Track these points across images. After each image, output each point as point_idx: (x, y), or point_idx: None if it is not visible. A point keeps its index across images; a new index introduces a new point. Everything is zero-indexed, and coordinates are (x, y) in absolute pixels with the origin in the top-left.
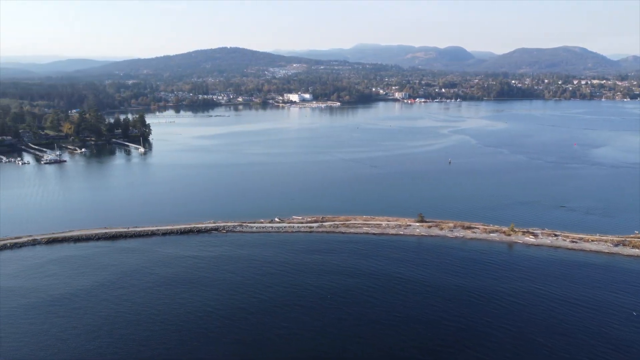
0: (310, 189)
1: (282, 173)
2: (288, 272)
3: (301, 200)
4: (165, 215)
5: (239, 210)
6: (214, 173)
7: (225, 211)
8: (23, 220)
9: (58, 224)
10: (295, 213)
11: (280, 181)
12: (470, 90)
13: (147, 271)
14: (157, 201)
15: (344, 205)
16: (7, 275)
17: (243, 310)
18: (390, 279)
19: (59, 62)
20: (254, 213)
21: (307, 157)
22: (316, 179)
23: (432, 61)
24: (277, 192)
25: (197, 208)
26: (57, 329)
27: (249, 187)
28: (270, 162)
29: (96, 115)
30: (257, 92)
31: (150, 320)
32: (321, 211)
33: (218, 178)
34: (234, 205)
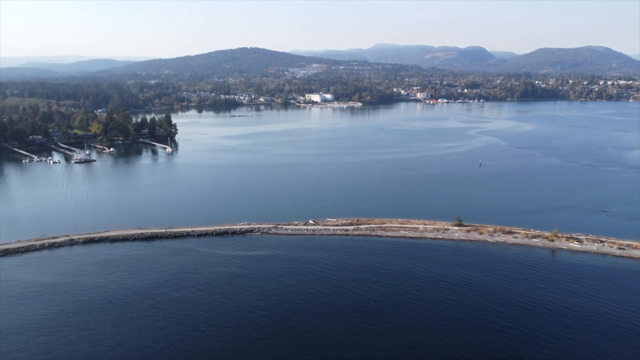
0: (341, 190)
1: (312, 174)
2: (330, 276)
3: (333, 202)
4: (198, 217)
5: (272, 212)
6: (244, 174)
7: (258, 212)
8: (58, 219)
9: (93, 224)
10: (328, 215)
11: (310, 183)
12: (493, 91)
13: (192, 273)
14: (188, 202)
15: (377, 208)
16: (54, 273)
17: (290, 313)
18: (434, 283)
19: (81, 62)
20: (287, 215)
21: (335, 158)
22: (346, 180)
23: (452, 61)
24: (309, 194)
25: (230, 209)
26: (110, 328)
27: (279, 188)
28: (299, 163)
29: (124, 115)
30: (279, 92)
31: (201, 321)
32: (354, 214)
33: (248, 179)
34: (266, 207)
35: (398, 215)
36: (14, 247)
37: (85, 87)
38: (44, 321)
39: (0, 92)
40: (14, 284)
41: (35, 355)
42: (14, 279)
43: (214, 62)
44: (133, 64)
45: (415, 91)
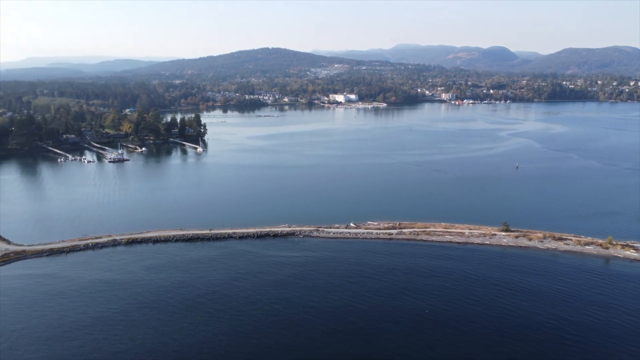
0: (377, 193)
1: (345, 176)
2: (381, 280)
3: (370, 204)
4: (237, 218)
5: (310, 214)
6: (277, 174)
7: (296, 214)
8: (98, 219)
9: (133, 224)
10: (368, 218)
11: (345, 184)
12: (520, 92)
13: (246, 273)
14: (225, 202)
15: (417, 211)
16: (110, 271)
17: (346, 318)
18: (488, 289)
19: (106, 62)
20: (325, 217)
21: (367, 160)
22: (381, 182)
23: (475, 61)
24: (344, 196)
25: (267, 210)
26: (175, 325)
27: (315, 190)
28: (331, 164)
29: (155, 115)
30: (302, 93)
31: (267, 318)
32: (394, 217)
33: (282, 180)
34: (303, 208)
35: (439, 219)
36: (59, 247)
37: (112, 87)
38: (108, 317)
39: (31, 91)
40: (70, 281)
41: (109, 350)
42: (69, 275)
43: (236, 62)
44: (156, 64)
45: (440, 92)
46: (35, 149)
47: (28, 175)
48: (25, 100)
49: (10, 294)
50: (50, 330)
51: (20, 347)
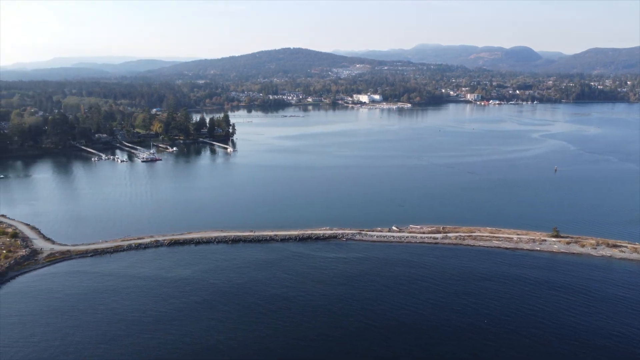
0: (416, 195)
1: (381, 177)
2: (434, 286)
3: (409, 207)
4: (276, 219)
5: (350, 216)
6: (312, 175)
7: (337, 217)
8: (138, 219)
9: (173, 224)
10: (407, 221)
11: (383, 186)
12: (547, 92)
13: (304, 277)
14: (263, 203)
15: (458, 215)
16: (156, 269)
17: (410, 325)
18: (546, 296)
19: (130, 62)
20: (366, 220)
21: (399, 161)
22: (418, 185)
23: (498, 62)
24: (383, 198)
25: (306, 212)
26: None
27: (352, 191)
28: (364, 165)
29: (185, 114)
30: (326, 93)
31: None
32: (435, 220)
33: (318, 181)
34: (342, 211)
35: (482, 223)
36: (102, 247)
37: (138, 86)
38: (166, 313)
39: (60, 91)
40: (123, 280)
41: (169, 346)
42: (120, 275)
43: (258, 62)
44: (179, 64)
45: (464, 92)
46: (68, 148)
47: (64, 175)
48: (55, 99)
49: (65, 291)
50: (113, 326)
51: (87, 344)
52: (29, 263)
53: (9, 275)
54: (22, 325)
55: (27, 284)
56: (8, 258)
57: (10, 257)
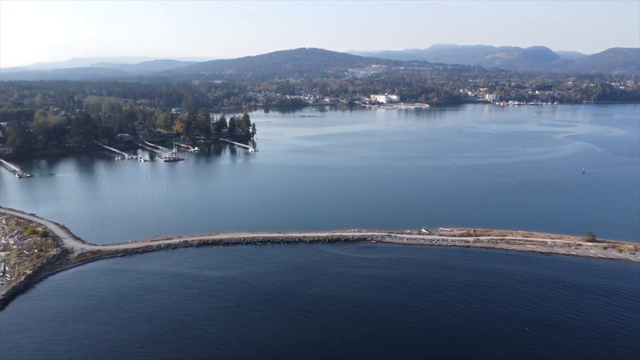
0: (442, 197)
1: (406, 178)
2: (474, 291)
3: (438, 209)
4: (302, 221)
5: (378, 218)
6: (335, 176)
7: (364, 218)
8: (165, 219)
9: (200, 225)
10: (435, 223)
11: (409, 187)
12: (567, 93)
13: (342, 279)
14: (288, 204)
15: (487, 217)
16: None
17: (444, 329)
18: (588, 303)
19: (146, 62)
20: (394, 222)
21: (422, 162)
22: (444, 186)
23: (514, 62)
24: (410, 200)
25: (333, 214)
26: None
27: (378, 192)
28: (387, 166)
29: (206, 114)
30: (343, 93)
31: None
32: (464, 223)
33: (342, 182)
34: (369, 212)
35: (513, 226)
36: (132, 247)
37: (157, 86)
38: (204, 314)
39: (80, 90)
40: (154, 278)
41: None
42: (152, 273)
43: (273, 62)
44: (196, 64)
45: (482, 92)
46: (91, 147)
47: (88, 174)
48: (76, 99)
49: (100, 289)
50: (151, 324)
51: (125, 342)
52: (61, 262)
53: (42, 275)
54: (61, 322)
55: (61, 283)
56: (40, 257)
57: (42, 256)
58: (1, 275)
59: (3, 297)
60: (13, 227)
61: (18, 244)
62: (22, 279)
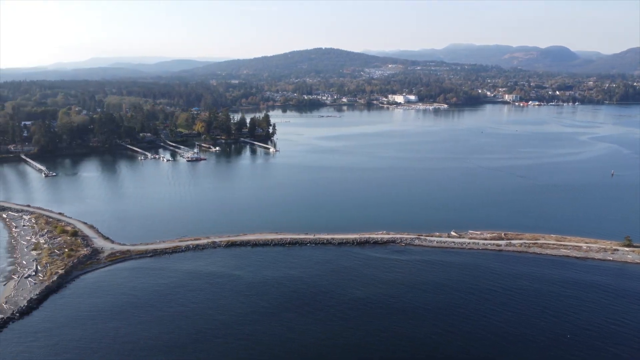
0: (469, 199)
1: (430, 180)
2: (510, 296)
3: (466, 212)
4: (328, 222)
5: (404, 220)
6: (358, 177)
7: (390, 220)
8: (191, 220)
9: (226, 225)
10: (463, 226)
11: (434, 189)
12: (589, 93)
13: (378, 281)
14: (314, 205)
15: (517, 220)
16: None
17: (482, 333)
18: (630, 311)
19: (164, 62)
20: (422, 224)
21: (445, 163)
22: (468, 188)
23: (533, 62)
24: (436, 202)
25: (359, 215)
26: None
27: (403, 194)
28: (410, 167)
29: (226, 114)
30: (361, 93)
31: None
32: (494, 226)
33: (366, 183)
34: (395, 214)
35: (543, 229)
36: (161, 248)
37: (176, 86)
38: (242, 314)
39: (101, 90)
40: (187, 278)
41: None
42: (183, 273)
43: (290, 62)
44: (212, 64)
45: (502, 93)
46: (114, 146)
47: (113, 173)
48: (97, 99)
49: (135, 288)
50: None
51: (163, 340)
52: (92, 262)
53: (73, 274)
54: (99, 320)
55: (93, 282)
56: (71, 257)
57: (73, 255)
58: (34, 275)
59: (37, 296)
60: (43, 226)
61: (48, 243)
62: (54, 278)
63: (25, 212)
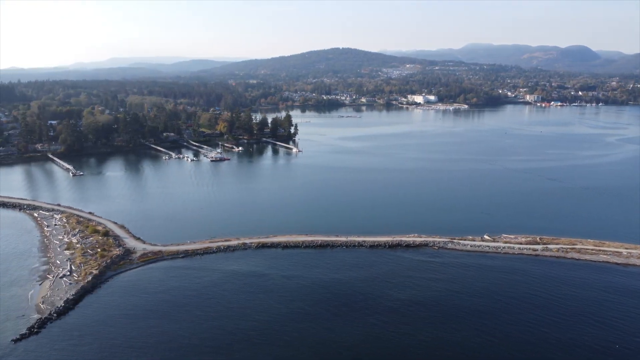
0: (497, 202)
1: (455, 182)
2: (552, 302)
3: (497, 215)
4: (358, 224)
5: (435, 223)
6: (385, 178)
7: (421, 223)
8: (219, 220)
9: (256, 226)
10: (495, 229)
11: (463, 191)
12: (612, 94)
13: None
14: (340, 206)
15: (550, 224)
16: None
17: (527, 343)
18: None
19: (182, 62)
20: (453, 227)
21: (471, 165)
22: (498, 191)
23: (552, 62)
24: (463, 204)
25: (389, 217)
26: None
27: (429, 196)
28: (434, 169)
29: (248, 114)
30: (380, 93)
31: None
32: (527, 229)
33: (391, 184)
34: (425, 216)
35: (579, 234)
36: (192, 249)
37: (195, 86)
38: (286, 315)
39: (122, 90)
40: (222, 280)
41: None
42: (218, 274)
43: (307, 62)
44: (230, 64)
45: (523, 93)
46: (138, 146)
47: (138, 173)
48: (119, 98)
49: (172, 287)
50: (229, 322)
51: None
52: (124, 263)
53: (107, 275)
54: (141, 319)
55: (128, 283)
56: (104, 257)
57: (106, 256)
58: (68, 274)
59: (73, 296)
60: (74, 225)
61: (81, 243)
62: (89, 278)
63: (55, 211)
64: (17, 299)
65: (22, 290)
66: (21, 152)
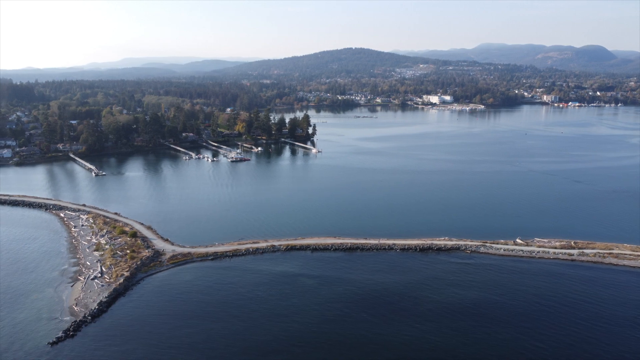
0: (526, 204)
1: (480, 184)
2: (599, 309)
3: (527, 218)
4: (387, 227)
5: (465, 226)
6: (408, 180)
7: (451, 225)
8: (245, 221)
9: (284, 228)
10: (526, 233)
11: (491, 193)
12: (631, 94)
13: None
14: (367, 208)
15: (583, 228)
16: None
17: (570, 347)
18: None
19: (195, 62)
20: (484, 230)
21: (493, 167)
22: (524, 193)
23: (567, 61)
24: (492, 206)
25: (418, 220)
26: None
27: (456, 198)
28: (457, 171)
29: (267, 115)
30: (395, 93)
31: None
32: (559, 233)
33: (416, 185)
34: (454, 219)
35: (615, 238)
36: (222, 250)
37: (210, 86)
38: (326, 317)
39: (138, 90)
40: (257, 281)
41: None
42: (251, 276)
43: (320, 62)
44: (243, 65)
45: (540, 93)
46: (158, 146)
47: (159, 173)
48: (136, 98)
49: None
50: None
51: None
52: (154, 264)
53: (138, 277)
54: (172, 321)
55: (160, 284)
56: (134, 259)
57: (136, 257)
58: (100, 276)
59: (106, 299)
60: (101, 226)
61: (110, 244)
62: (120, 280)
63: (82, 211)
64: (48, 300)
65: (55, 291)
66: (43, 152)
